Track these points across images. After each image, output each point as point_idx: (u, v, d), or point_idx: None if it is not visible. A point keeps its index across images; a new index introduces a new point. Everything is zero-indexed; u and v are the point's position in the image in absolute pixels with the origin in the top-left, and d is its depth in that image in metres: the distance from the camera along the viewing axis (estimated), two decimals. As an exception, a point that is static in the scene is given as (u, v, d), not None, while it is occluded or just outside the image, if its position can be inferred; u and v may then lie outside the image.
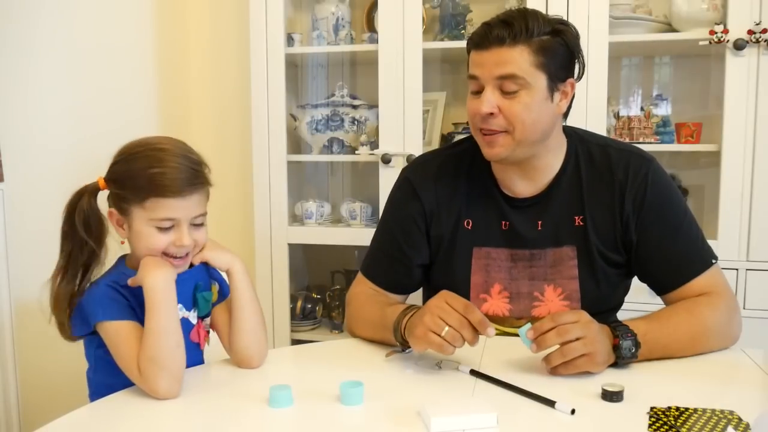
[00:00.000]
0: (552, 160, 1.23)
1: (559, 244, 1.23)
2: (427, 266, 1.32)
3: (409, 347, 1.10)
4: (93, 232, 1.06)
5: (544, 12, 1.20)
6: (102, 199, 1.09)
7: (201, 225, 1.07)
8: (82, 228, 1.05)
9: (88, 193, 1.07)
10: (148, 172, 1.02)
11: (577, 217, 1.22)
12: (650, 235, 1.20)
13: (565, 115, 1.23)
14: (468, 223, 1.26)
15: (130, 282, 1.03)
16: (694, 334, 1.13)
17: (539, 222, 1.23)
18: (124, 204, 1.04)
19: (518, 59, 1.11)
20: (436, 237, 1.28)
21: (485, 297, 1.26)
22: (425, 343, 1.03)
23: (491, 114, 1.13)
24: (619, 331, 1.05)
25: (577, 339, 1.00)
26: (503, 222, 1.25)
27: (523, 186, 1.24)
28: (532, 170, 1.23)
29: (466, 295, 1.25)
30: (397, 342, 1.13)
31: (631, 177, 1.20)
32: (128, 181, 1.03)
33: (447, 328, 1.01)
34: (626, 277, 1.29)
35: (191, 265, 1.10)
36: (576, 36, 1.17)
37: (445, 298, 1.05)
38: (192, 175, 1.04)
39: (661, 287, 1.23)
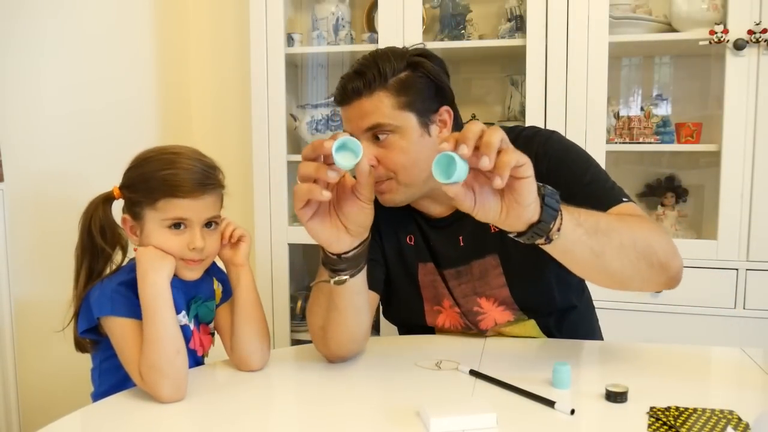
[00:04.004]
0: None
1: (482, 254, 1.19)
2: (385, 277, 1.26)
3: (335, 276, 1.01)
4: (108, 240, 1.07)
5: (421, 55, 1.13)
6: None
7: (214, 230, 1.08)
8: (99, 237, 1.06)
9: (103, 201, 1.08)
10: (160, 173, 1.03)
11: (492, 225, 1.12)
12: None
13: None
14: (410, 239, 1.25)
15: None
16: (624, 219, 1.00)
17: (460, 237, 1.20)
18: (137, 208, 1.05)
19: (379, 107, 1.08)
20: (382, 249, 1.25)
21: (439, 309, 1.25)
22: (297, 199, 0.92)
23: (372, 167, 1.06)
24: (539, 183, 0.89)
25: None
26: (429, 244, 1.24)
27: (437, 208, 1.21)
28: (440, 194, 1.16)
29: (421, 307, 1.25)
30: (329, 271, 1.03)
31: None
32: (141, 184, 1.04)
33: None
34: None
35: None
36: (436, 63, 1.13)
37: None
38: (204, 176, 1.04)
39: None
